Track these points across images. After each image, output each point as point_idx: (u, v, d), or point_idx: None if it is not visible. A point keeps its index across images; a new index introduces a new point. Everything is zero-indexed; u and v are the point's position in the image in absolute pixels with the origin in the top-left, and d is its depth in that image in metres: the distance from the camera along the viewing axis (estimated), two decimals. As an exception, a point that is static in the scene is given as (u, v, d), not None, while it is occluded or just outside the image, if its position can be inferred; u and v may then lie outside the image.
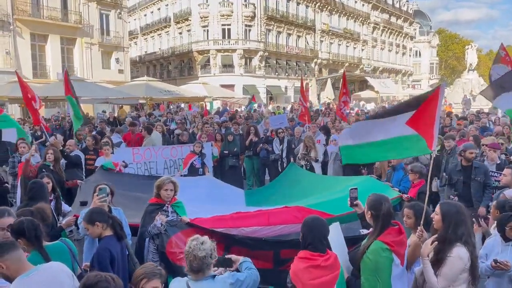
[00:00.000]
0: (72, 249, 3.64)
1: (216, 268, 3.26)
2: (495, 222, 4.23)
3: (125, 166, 8.22)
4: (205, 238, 3.13)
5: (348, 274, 3.40)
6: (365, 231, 3.60)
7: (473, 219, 4.20)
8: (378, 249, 3.24)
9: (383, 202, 3.42)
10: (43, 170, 6.76)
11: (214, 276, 3.09)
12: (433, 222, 3.43)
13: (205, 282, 3.04)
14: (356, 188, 3.98)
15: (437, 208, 3.42)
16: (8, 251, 2.85)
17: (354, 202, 3.95)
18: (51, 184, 5.64)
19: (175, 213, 4.88)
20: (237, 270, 3.33)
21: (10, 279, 2.84)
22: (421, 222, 3.58)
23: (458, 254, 3.20)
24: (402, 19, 68.17)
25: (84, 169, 8.56)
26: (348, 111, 14.10)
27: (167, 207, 4.88)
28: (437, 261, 3.25)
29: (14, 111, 22.72)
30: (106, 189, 4.53)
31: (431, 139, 3.64)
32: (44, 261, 3.27)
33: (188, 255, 3.02)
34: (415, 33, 72.61)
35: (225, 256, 3.46)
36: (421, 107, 3.76)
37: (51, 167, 7.13)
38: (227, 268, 3.35)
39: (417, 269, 3.49)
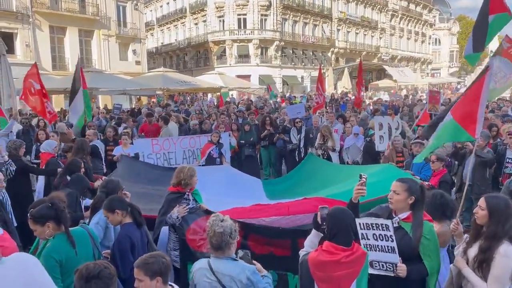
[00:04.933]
0: (92, 235, 3.68)
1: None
2: None
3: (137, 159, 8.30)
4: (227, 217, 3.21)
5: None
6: (396, 220, 3.47)
7: None
8: (431, 228, 3.34)
9: (419, 185, 3.49)
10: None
11: (236, 260, 3.12)
12: (476, 217, 3.16)
13: (226, 261, 3.08)
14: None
15: (482, 202, 3.12)
16: None
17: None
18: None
19: (195, 201, 4.92)
20: None
21: None
22: (458, 214, 3.38)
23: (505, 252, 2.95)
24: (421, 6, 66.57)
25: (104, 160, 8.70)
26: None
27: (188, 195, 4.90)
28: (485, 260, 3.02)
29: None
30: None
31: (474, 125, 3.42)
32: (70, 244, 3.34)
33: (209, 231, 3.12)
34: (435, 20, 70.88)
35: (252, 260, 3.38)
36: (465, 95, 3.64)
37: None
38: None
39: (452, 266, 3.32)
